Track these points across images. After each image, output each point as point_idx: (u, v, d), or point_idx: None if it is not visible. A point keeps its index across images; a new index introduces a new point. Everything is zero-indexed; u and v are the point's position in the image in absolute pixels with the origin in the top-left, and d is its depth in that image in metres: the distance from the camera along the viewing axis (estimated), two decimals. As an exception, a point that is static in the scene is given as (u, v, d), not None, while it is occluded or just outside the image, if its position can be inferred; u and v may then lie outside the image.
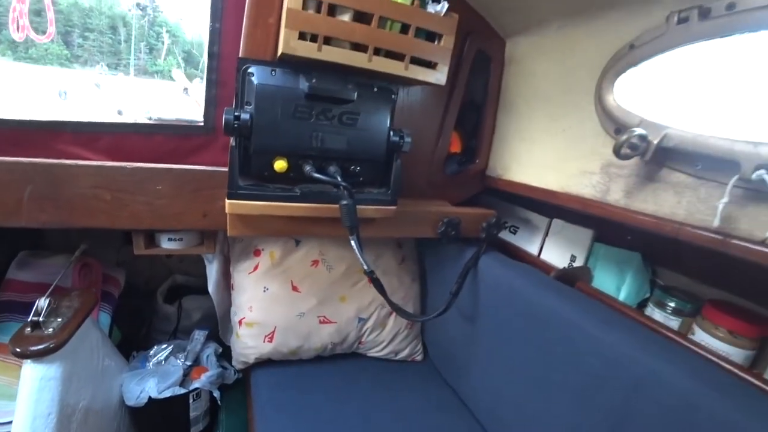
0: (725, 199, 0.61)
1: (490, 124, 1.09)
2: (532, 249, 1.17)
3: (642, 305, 0.95)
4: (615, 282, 1.01)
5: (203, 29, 0.88)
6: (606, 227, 1.01)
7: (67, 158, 0.87)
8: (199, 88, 1.11)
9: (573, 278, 1.00)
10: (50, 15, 1.59)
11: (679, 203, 0.70)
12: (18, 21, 1.43)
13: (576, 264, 1.08)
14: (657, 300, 0.92)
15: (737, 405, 0.57)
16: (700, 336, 0.82)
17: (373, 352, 1.20)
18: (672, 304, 0.88)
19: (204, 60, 0.91)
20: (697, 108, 0.67)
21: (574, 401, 0.75)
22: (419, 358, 1.26)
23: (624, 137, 0.66)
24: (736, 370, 0.67)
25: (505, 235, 1.25)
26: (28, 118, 0.92)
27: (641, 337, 0.72)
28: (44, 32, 1.61)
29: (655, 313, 0.91)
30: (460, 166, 1.08)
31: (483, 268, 1.01)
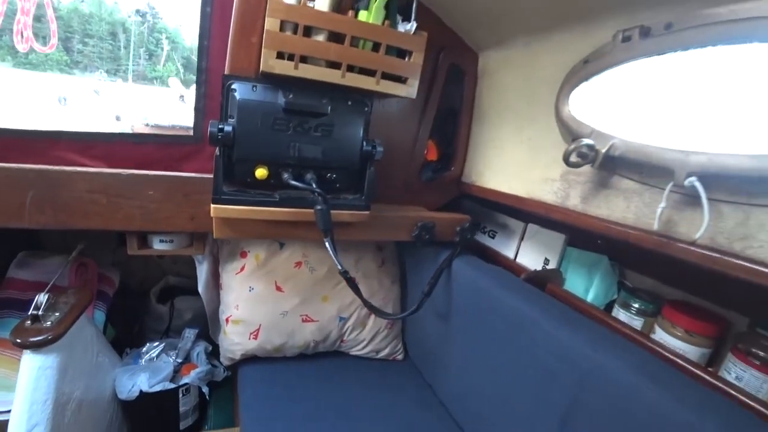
0: (663, 204, 0.67)
1: (465, 133, 1.15)
2: (509, 252, 1.23)
3: (610, 306, 1.00)
4: (584, 284, 1.06)
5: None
6: (578, 231, 1.07)
7: (66, 164, 0.93)
8: (194, 95, 1.17)
9: (543, 280, 1.05)
10: (53, 27, 1.66)
11: (628, 208, 0.75)
12: (22, 33, 1.50)
13: (549, 267, 1.13)
14: (622, 301, 0.97)
15: (673, 395, 0.63)
16: (660, 335, 0.86)
17: (354, 351, 1.26)
18: (636, 305, 0.93)
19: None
20: (640, 119, 0.73)
21: (531, 393, 0.81)
22: (400, 357, 1.31)
23: (572, 147, 0.72)
24: (690, 367, 0.72)
25: (484, 240, 1.31)
26: (29, 128, 0.98)
27: (592, 334, 0.77)
28: (47, 42, 1.69)
29: (620, 313, 0.96)
30: (435, 173, 1.14)
31: (456, 271, 1.06)
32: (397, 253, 1.33)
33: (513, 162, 1.02)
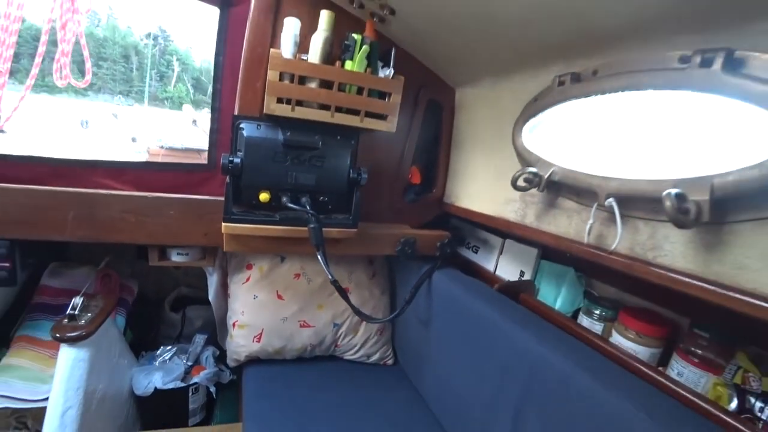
0: (591, 221, 0.80)
1: (445, 159, 1.31)
2: (490, 266, 1.36)
3: (577, 313, 1.10)
4: (554, 294, 1.18)
5: (211, 56, 1.11)
6: (536, 245, 1.20)
7: (101, 188, 1.11)
8: (205, 118, 1.33)
9: (516, 290, 1.17)
10: (88, 65, 1.89)
11: (570, 224, 0.89)
12: (61, 70, 1.71)
13: (525, 278, 1.26)
14: (586, 308, 1.08)
15: (600, 381, 0.75)
16: (616, 338, 0.97)
17: (348, 355, 1.38)
18: (597, 312, 1.04)
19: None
20: (573, 149, 0.87)
21: (493, 385, 0.93)
22: (390, 362, 1.43)
23: (517, 174, 0.87)
24: (639, 365, 0.82)
25: (468, 254, 1.44)
26: (73, 157, 1.16)
27: (541, 332, 0.90)
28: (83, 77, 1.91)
29: (584, 320, 1.07)
30: (418, 195, 1.30)
31: (436, 282, 1.20)
32: (387, 267, 1.47)
33: (483, 185, 1.17)
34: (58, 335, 0.99)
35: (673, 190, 0.62)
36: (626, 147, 0.79)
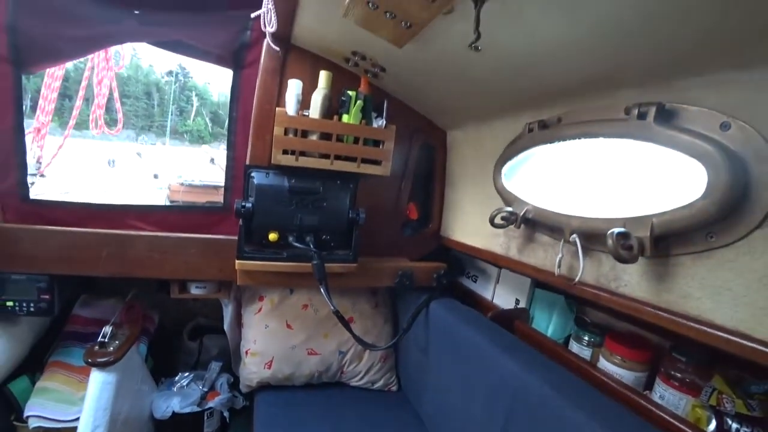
0: (560, 255, 0.89)
1: (439, 195, 1.42)
2: (488, 294, 1.43)
3: (568, 339, 1.14)
4: (546, 321, 1.24)
5: (227, 90, 1.24)
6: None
7: (132, 229, 1.26)
8: (222, 154, 1.48)
9: (511, 318, 1.24)
10: (119, 115, 2.12)
11: (546, 257, 0.98)
12: (96, 121, 1.92)
13: (520, 306, 1.33)
14: (575, 335, 1.13)
15: (571, 401, 0.81)
16: (603, 363, 1.02)
17: (353, 382, 1.46)
18: (585, 338, 1.08)
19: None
20: (545, 189, 0.97)
21: (483, 407, 1.00)
22: (394, 388, 1.50)
23: (494, 213, 0.97)
24: (623, 390, 0.88)
25: (468, 283, 1.53)
26: (106, 202, 1.32)
27: (525, 357, 0.97)
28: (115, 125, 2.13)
29: (574, 345, 1.12)
30: (415, 230, 1.40)
31: (433, 311, 1.29)
32: (390, 297, 1.56)
33: (473, 220, 1.27)
34: (89, 360, 1.12)
35: (616, 230, 0.71)
36: (585, 188, 0.89)
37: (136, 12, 1.22)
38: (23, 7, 1.15)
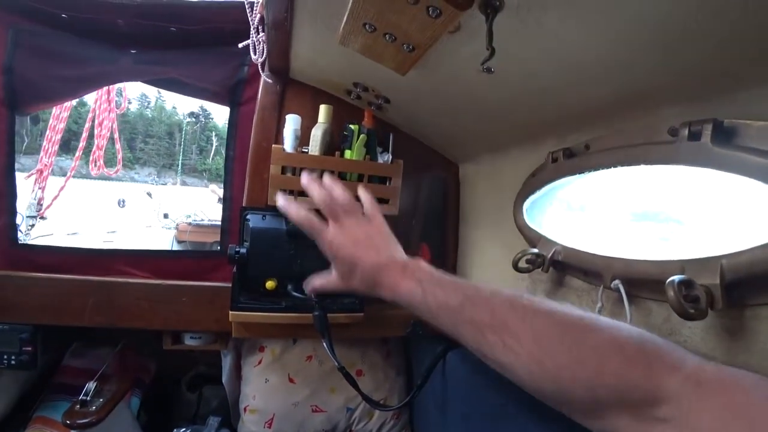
0: (599, 304, 0.76)
1: (453, 234, 1.30)
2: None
3: None
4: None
5: None
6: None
7: (123, 275, 1.17)
8: None
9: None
10: (119, 156, 2.11)
11: (580, 304, 0.84)
12: (96, 162, 1.91)
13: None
14: None
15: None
16: None
17: (364, 441, 1.30)
18: None
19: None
20: (576, 227, 0.85)
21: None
22: (409, 448, 1.33)
23: (518, 256, 0.85)
24: None
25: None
26: (96, 248, 1.24)
27: (553, 420, 0.82)
28: (114, 167, 2.11)
29: None
30: None
31: (450, 363, 1.13)
32: (403, 345, 1.42)
33: (491, 261, 1.14)
34: (68, 422, 1.00)
35: (677, 277, 0.57)
36: (627, 224, 0.77)
37: (132, 51, 1.18)
38: (21, 48, 1.13)
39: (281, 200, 0.73)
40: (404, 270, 0.62)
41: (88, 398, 1.07)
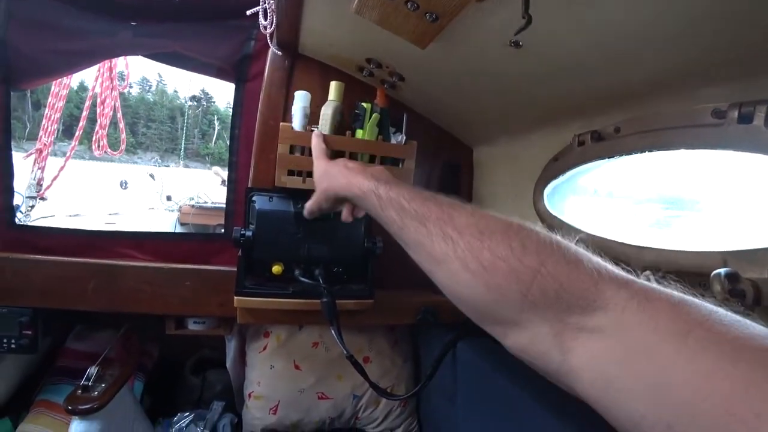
0: (626, 297, 0.72)
1: (465, 218, 1.25)
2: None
3: None
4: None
5: None
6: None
7: (124, 258, 1.14)
8: None
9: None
10: (123, 136, 2.05)
11: (604, 297, 0.80)
12: (99, 142, 1.85)
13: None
14: None
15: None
16: None
17: (370, 428, 1.29)
18: None
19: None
20: (603, 214, 0.80)
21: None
22: (416, 436, 1.32)
23: (540, 245, 0.80)
24: None
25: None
26: (96, 229, 1.20)
27: (564, 411, 0.78)
28: (117, 149, 2.06)
29: None
30: None
31: (460, 352, 1.10)
32: (411, 332, 1.39)
33: (506, 246, 1.09)
34: (70, 407, 0.98)
35: (723, 270, 0.53)
36: (662, 211, 0.72)
37: (132, 23, 1.12)
38: (14, 20, 1.06)
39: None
40: (363, 171, 0.64)
41: (90, 383, 1.04)
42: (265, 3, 0.85)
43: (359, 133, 0.97)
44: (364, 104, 0.96)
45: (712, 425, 0.24)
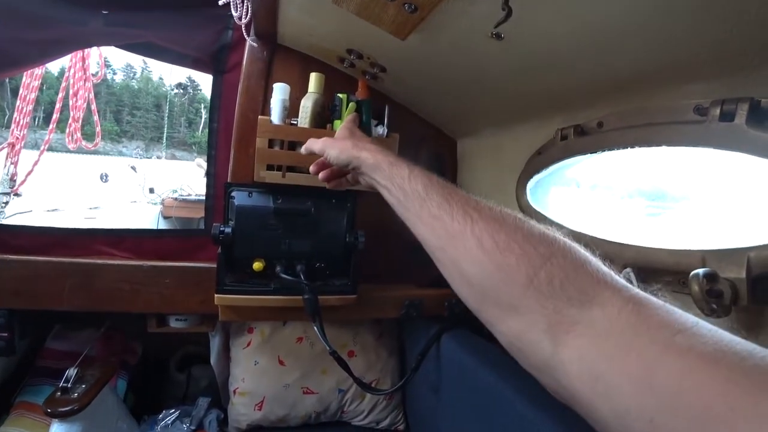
0: (607, 293, 0.72)
1: (450, 212, 1.24)
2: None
3: None
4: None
5: None
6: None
7: (102, 255, 1.10)
8: None
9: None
10: (98, 129, 1.99)
11: (585, 292, 0.80)
12: (73, 135, 1.79)
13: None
14: None
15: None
16: None
17: (356, 421, 1.29)
18: None
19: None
20: (586, 210, 0.80)
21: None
22: (401, 427, 1.32)
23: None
24: None
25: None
26: (72, 227, 1.17)
27: (546, 404, 0.79)
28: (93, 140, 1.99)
29: None
30: (422, 253, 1.21)
31: (445, 345, 1.11)
32: (396, 325, 1.39)
33: (490, 240, 1.09)
34: (49, 410, 0.96)
35: (702, 270, 0.53)
36: (639, 208, 0.72)
37: (104, 12, 1.07)
38: (-22, 9, 1.01)
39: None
40: (382, 150, 0.67)
41: (69, 384, 1.02)
42: (236, -8, 0.81)
43: (337, 125, 0.94)
44: (340, 95, 0.93)
45: (690, 418, 0.26)
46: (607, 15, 0.56)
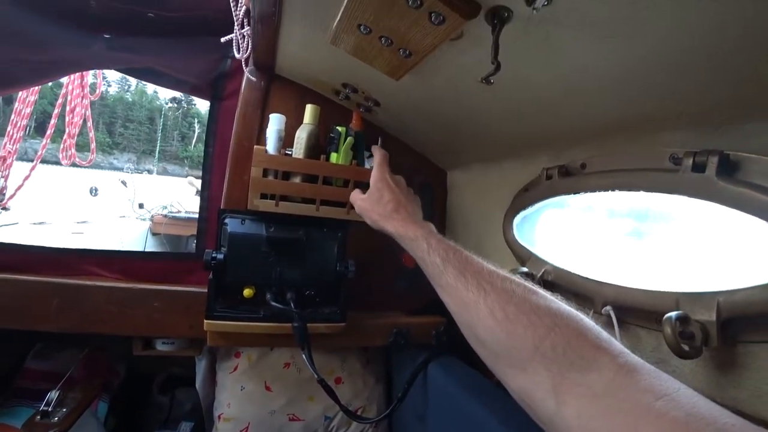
0: (589, 329, 0.74)
1: (439, 240, 1.26)
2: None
3: None
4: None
5: None
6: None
7: (92, 276, 1.10)
8: None
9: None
10: (92, 145, 1.99)
11: (569, 326, 0.82)
12: (67, 150, 1.79)
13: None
14: None
15: None
16: None
17: (342, 450, 1.28)
18: None
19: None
20: (568, 247, 0.83)
21: None
22: (388, 456, 1.31)
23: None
24: None
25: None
26: (61, 246, 1.16)
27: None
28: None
29: None
30: (410, 281, 1.23)
31: (432, 373, 1.11)
32: (383, 352, 1.39)
33: (478, 270, 1.11)
34: (28, 435, 0.94)
35: (674, 313, 0.56)
36: (622, 249, 0.75)
37: (106, 36, 1.09)
38: (-22, 29, 1.03)
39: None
40: (415, 220, 0.77)
41: (50, 408, 1.00)
42: (237, 32, 0.84)
43: (333, 157, 0.97)
44: (339, 128, 0.96)
45: None
46: (587, 66, 0.59)
